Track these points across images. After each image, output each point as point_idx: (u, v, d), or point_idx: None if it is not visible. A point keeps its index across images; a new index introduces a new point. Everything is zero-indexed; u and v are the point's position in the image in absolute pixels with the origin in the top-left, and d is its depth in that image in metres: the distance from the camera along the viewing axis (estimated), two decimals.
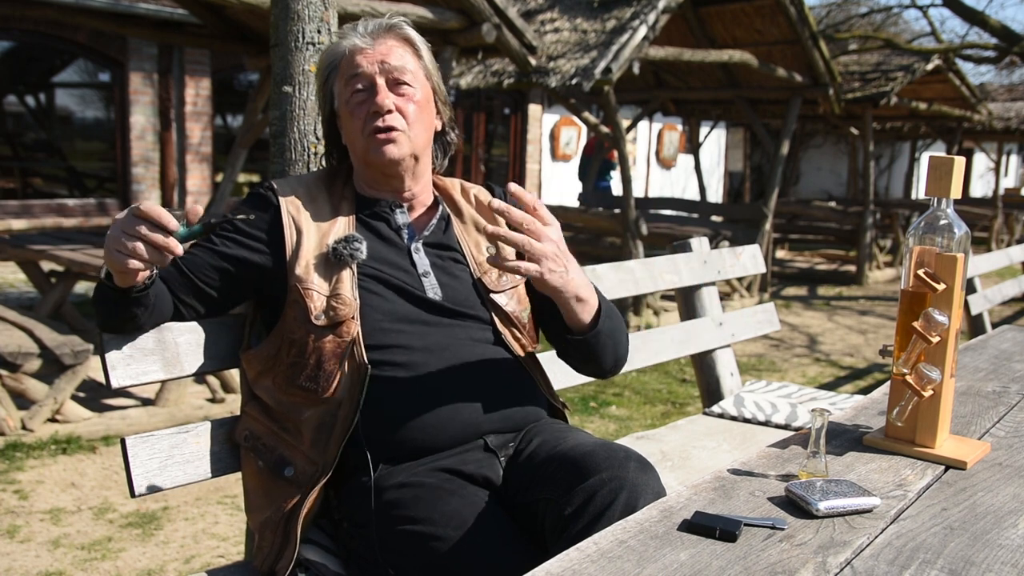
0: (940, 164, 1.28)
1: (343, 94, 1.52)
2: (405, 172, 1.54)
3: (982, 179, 22.75)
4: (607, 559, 0.95)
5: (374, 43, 1.51)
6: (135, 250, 1.22)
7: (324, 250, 1.47)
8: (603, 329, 1.47)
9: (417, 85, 1.53)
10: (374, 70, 1.50)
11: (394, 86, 1.51)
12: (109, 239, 1.24)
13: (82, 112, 9.49)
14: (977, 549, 1.01)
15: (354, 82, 1.50)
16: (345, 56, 1.52)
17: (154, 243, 1.22)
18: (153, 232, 1.22)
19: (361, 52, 1.51)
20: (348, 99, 1.51)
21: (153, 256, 1.24)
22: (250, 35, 5.78)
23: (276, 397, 1.45)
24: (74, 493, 3.26)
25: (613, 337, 1.51)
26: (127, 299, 1.33)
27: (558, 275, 1.34)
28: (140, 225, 1.22)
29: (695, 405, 4.69)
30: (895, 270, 10.88)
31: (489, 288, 1.56)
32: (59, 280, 5.36)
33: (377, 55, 1.50)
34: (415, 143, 1.53)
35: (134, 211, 1.23)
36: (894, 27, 18.87)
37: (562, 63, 6.28)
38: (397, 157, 1.51)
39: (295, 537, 1.39)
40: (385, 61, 1.50)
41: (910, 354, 1.29)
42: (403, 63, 1.51)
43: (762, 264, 2.83)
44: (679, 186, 16.27)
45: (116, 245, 1.23)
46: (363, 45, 1.51)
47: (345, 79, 1.52)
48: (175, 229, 1.23)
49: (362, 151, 1.52)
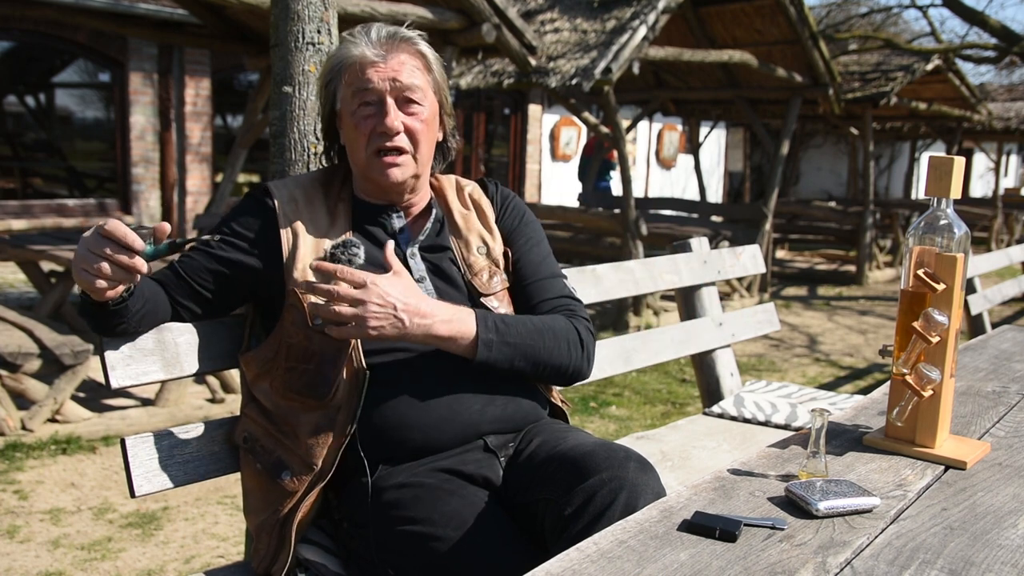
0: (940, 164, 1.28)
1: (348, 103, 1.50)
2: (405, 189, 1.55)
3: (982, 179, 22.75)
4: (607, 559, 0.95)
5: (386, 56, 1.48)
6: (100, 270, 1.22)
7: (321, 254, 1.47)
8: (494, 356, 1.43)
9: (426, 103, 1.51)
10: (384, 87, 1.47)
11: (403, 104, 1.49)
12: (76, 257, 1.24)
13: (82, 112, 9.48)
14: (977, 549, 1.01)
15: (362, 95, 1.48)
16: (354, 65, 1.48)
17: (119, 263, 1.22)
18: (118, 253, 1.21)
19: (372, 65, 1.47)
20: (354, 110, 1.49)
21: (118, 275, 1.23)
22: (250, 35, 5.78)
23: (274, 400, 1.45)
24: (74, 493, 3.26)
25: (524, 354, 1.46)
26: (106, 311, 1.33)
27: (389, 327, 1.34)
28: (105, 246, 1.21)
29: (695, 405, 4.69)
30: (895, 270, 10.88)
31: (480, 291, 1.55)
32: (59, 280, 5.37)
33: (389, 71, 1.47)
34: (419, 164, 1.52)
35: (99, 230, 1.22)
36: (894, 27, 18.88)
37: (562, 63, 6.28)
38: (400, 180, 1.51)
39: (290, 540, 1.39)
40: (396, 79, 1.47)
41: (910, 354, 1.29)
42: (413, 80, 1.49)
43: (762, 264, 2.83)
44: (679, 186, 16.27)
45: (82, 264, 1.23)
46: (374, 58, 1.47)
47: (353, 89, 1.49)
48: (140, 249, 1.22)
49: (364, 167, 1.51)
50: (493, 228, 1.63)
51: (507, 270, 1.61)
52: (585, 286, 2.17)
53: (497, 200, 1.67)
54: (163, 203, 9.39)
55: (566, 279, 1.67)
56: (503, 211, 1.67)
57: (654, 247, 7.32)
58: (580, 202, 10.02)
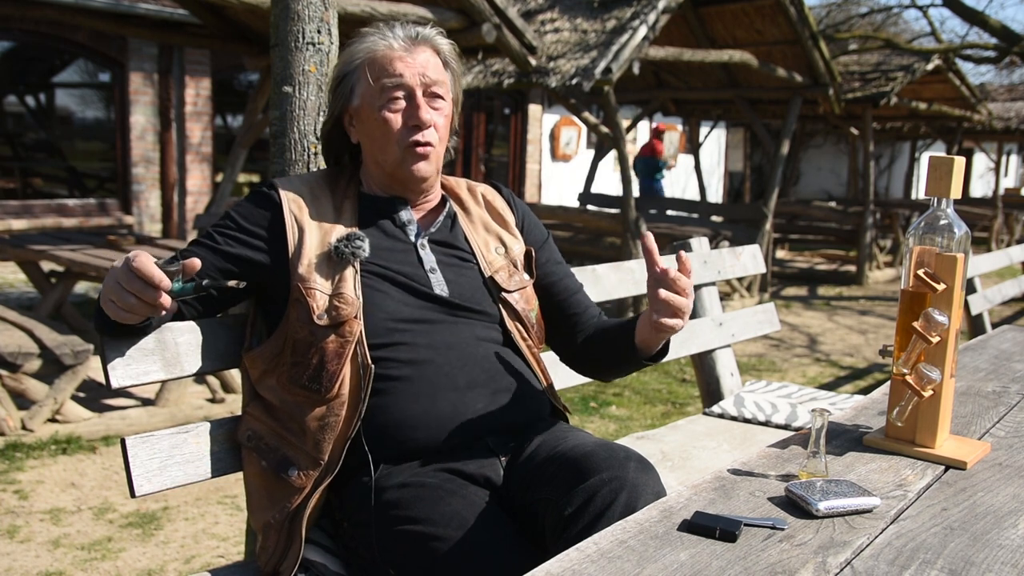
0: (940, 164, 1.28)
1: (375, 97, 1.49)
2: (427, 186, 1.57)
3: (982, 179, 22.75)
4: (607, 559, 0.95)
5: (413, 51, 1.50)
6: (129, 306, 1.27)
7: (326, 248, 1.47)
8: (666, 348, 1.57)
9: (448, 99, 1.54)
10: (415, 81, 1.48)
11: (430, 99, 1.51)
12: (106, 288, 1.28)
13: (82, 112, 9.49)
14: (977, 549, 1.01)
15: (393, 89, 1.48)
16: (378, 57, 1.49)
17: (147, 301, 1.26)
18: (145, 291, 1.25)
19: (401, 59, 1.48)
20: (383, 103, 1.49)
21: (146, 311, 1.28)
22: (250, 35, 5.78)
23: (280, 396, 1.45)
24: (74, 493, 3.26)
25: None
26: (127, 331, 1.38)
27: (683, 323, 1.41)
28: (134, 282, 1.24)
29: (695, 405, 4.69)
30: (895, 270, 10.88)
31: (502, 287, 1.57)
32: (59, 280, 5.37)
33: (418, 66, 1.49)
34: (440, 158, 1.55)
35: (129, 266, 1.24)
36: (894, 27, 18.86)
37: (562, 63, 6.28)
38: (427, 174, 1.53)
39: (299, 537, 1.39)
40: (425, 73, 1.49)
41: (910, 354, 1.29)
42: (439, 77, 1.52)
43: (762, 264, 2.83)
44: (679, 186, 16.28)
45: (110, 295, 1.27)
46: (401, 52, 1.49)
47: (380, 83, 1.48)
48: (168, 288, 1.26)
49: (392, 162, 1.52)
50: (513, 230, 1.66)
51: (528, 269, 1.64)
52: (585, 286, 2.16)
53: (516, 207, 1.71)
54: (163, 203, 9.39)
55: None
56: (525, 221, 1.70)
57: None
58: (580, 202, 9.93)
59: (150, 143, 9.22)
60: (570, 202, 11.79)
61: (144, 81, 9.08)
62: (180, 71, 9.25)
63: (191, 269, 1.28)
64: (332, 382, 1.40)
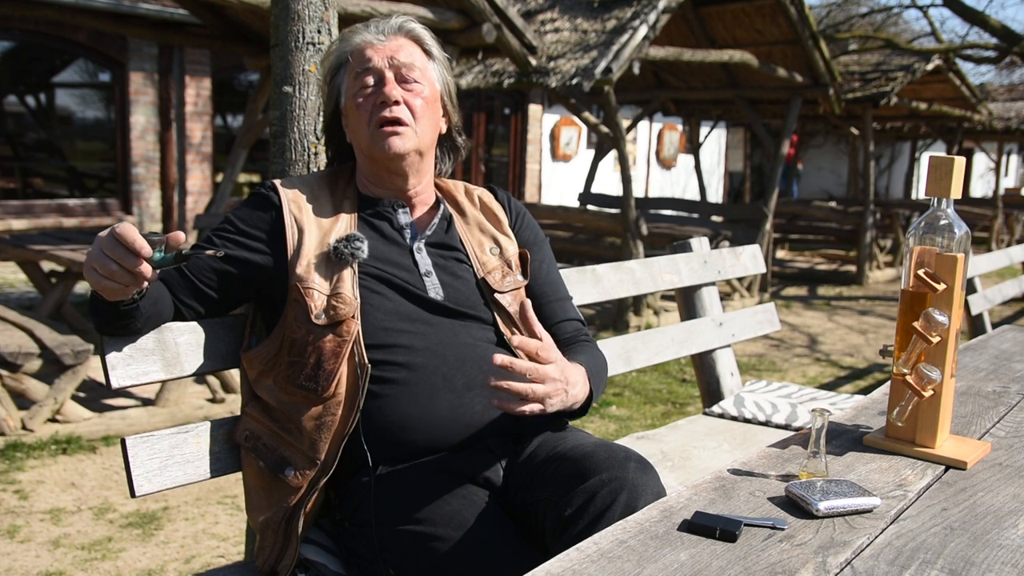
0: (940, 164, 1.28)
1: (351, 88, 1.53)
2: (409, 168, 1.54)
3: (982, 179, 22.74)
4: (607, 559, 0.95)
5: (386, 40, 1.53)
6: (110, 273, 1.23)
7: (325, 249, 1.47)
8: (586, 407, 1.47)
9: (425, 82, 1.54)
10: (383, 64, 1.51)
11: (402, 81, 1.52)
12: (88, 256, 1.26)
13: (82, 112, 9.49)
14: (977, 549, 1.01)
15: (364, 76, 1.51)
16: (355, 51, 1.53)
17: (126, 268, 1.23)
18: (126, 257, 1.22)
19: (372, 47, 1.52)
20: (356, 92, 1.52)
21: (124, 278, 1.24)
22: (250, 35, 5.78)
23: (278, 397, 1.45)
24: (74, 493, 3.26)
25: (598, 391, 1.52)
26: (116, 311, 1.34)
27: (558, 402, 1.33)
28: (116, 248, 1.22)
29: (695, 405, 4.69)
30: (895, 270, 10.88)
31: (493, 288, 1.56)
32: (59, 280, 5.37)
33: (387, 50, 1.51)
34: (420, 139, 1.53)
35: (114, 232, 1.23)
36: (894, 27, 18.86)
37: (562, 63, 6.28)
38: (402, 151, 1.50)
39: (296, 537, 1.39)
40: (394, 57, 1.51)
41: (910, 354, 1.29)
42: (412, 60, 1.53)
43: (762, 264, 2.83)
44: (679, 186, 16.27)
45: (92, 263, 1.24)
46: (374, 41, 1.52)
47: (354, 74, 1.52)
48: (148, 255, 1.23)
49: (367, 144, 1.52)
50: (508, 232, 1.65)
51: (523, 271, 1.62)
52: (585, 286, 2.17)
53: (510, 208, 1.69)
54: (163, 203, 9.39)
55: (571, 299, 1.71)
56: (518, 221, 1.69)
57: (654, 247, 7.32)
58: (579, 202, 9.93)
59: (150, 143, 9.22)
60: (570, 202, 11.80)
61: (144, 81, 9.08)
62: (180, 71, 9.25)
63: (175, 242, 1.26)
64: (329, 381, 1.40)
